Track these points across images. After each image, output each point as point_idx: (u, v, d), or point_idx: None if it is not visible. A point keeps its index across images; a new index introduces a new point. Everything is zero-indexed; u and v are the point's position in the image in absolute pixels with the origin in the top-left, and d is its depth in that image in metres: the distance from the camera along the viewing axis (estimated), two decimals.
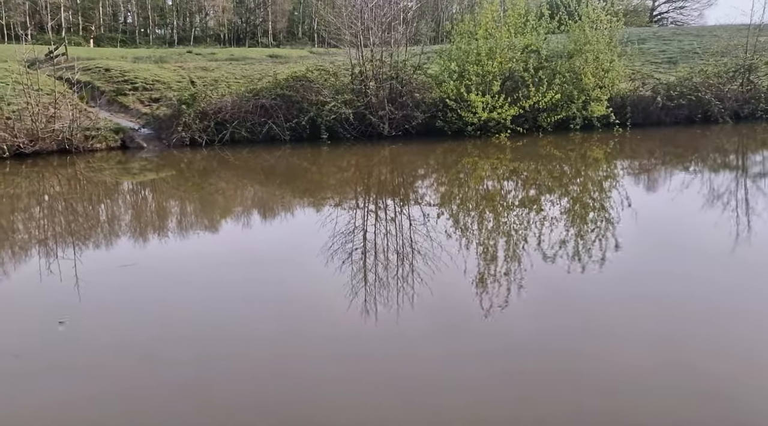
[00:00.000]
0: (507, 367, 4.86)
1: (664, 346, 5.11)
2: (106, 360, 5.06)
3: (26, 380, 4.74)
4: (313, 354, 5.11)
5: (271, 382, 4.68)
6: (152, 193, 13.20)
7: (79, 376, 4.82)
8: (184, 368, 4.88)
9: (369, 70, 19.62)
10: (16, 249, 8.77)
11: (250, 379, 4.72)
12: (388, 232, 9.13)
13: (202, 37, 58.12)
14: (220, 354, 5.11)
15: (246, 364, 4.96)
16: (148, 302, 6.42)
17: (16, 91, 16.87)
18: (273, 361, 5.03)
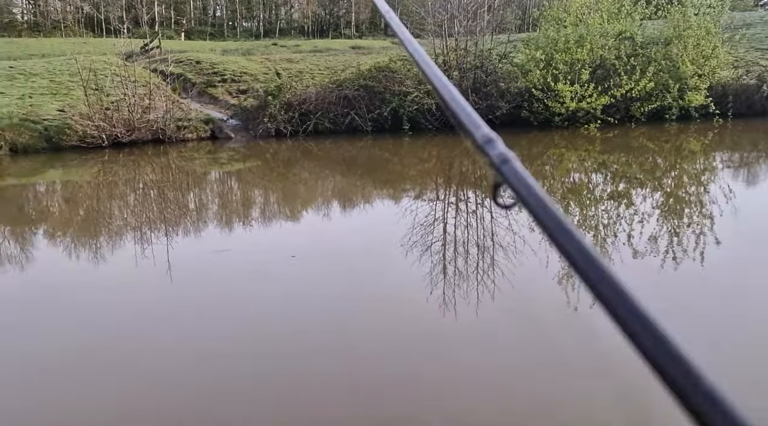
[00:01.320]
0: (597, 365, 4.59)
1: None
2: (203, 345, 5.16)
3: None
4: (390, 346, 5.02)
5: (347, 373, 4.62)
6: (240, 183, 13.52)
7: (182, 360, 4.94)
8: (263, 361, 4.91)
9: (453, 60, 19.34)
10: (115, 234, 9.14)
11: (328, 368, 4.68)
12: (469, 225, 8.92)
13: (286, 29, 59.25)
14: (295, 346, 5.10)
15: (325, 354, 4.93)
16: (233, 291, 6.52)
17: (115, 83, 17.68)
18: (350, 352, 4.96)
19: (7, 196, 11.62)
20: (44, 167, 14.16)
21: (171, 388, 4.43)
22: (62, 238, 8.92)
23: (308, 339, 5.20)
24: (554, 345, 4.99)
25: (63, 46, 29.81)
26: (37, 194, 12.16)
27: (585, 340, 5.08)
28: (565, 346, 4.95)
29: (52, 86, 19.29)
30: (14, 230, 9.23)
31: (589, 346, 4.95)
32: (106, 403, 4.22)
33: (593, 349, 4.91)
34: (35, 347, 5.09)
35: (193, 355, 4.91)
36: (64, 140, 15.62)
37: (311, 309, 5.84)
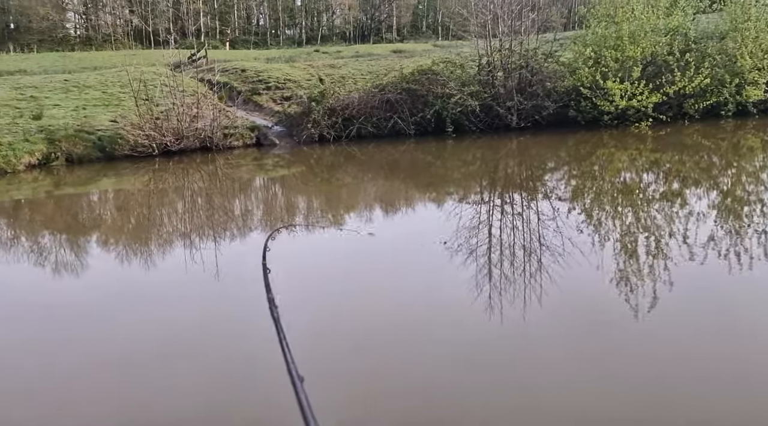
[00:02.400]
0: (652, 372, 4.41)
1: None
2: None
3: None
4: (435, 349, 4.93)
5: (391, 376, 4.55)
6: (285, 189, 13.61)
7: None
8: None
9: (497, 60, 19.10)
10: (164, 241, 9.30)
11: (368, 370, 4.63)
12: (515, 227, 8.75)
13: (328, 35, 59.71)
14: (342, 345, 5.06)
15: (366, 355, 4.87)
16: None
17: (164, 93, 18.06)
18: (394, 355, 4.90)
19: (64, 205, 11.97)
20: (98, 176, 14.54)
21: (226, 382, 4.44)
22: (114, 245, 9.12)
23: (355, 336, 5.15)
24: (604, 351, 4.81)
25: (114, 59, 30.71)
26: (91, 203, 12.49)
27: (636, 345, 4.88)
28: (616, 352, 4.78)
29: (104, 98, 19.84)
30: (69, 238, 9.48)
31: (640, 352, 4.76)
32: (157, 409, 4.26)
33: (646, 354, 4.72)
34: (93, 350, 5.19)
35: (242, 353, 4.91)
36: (117, 150, 16.02)
37: (356, 314, 5.79)
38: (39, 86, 20.69)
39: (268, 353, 4.99)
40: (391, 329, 5.41)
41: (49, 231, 10.05)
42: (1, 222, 10.95)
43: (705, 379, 4.30)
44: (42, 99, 19.07)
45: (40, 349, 5.36)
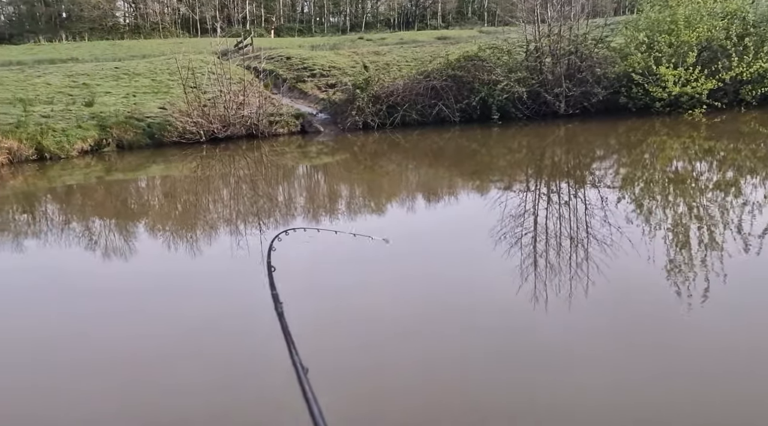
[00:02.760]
0: (703, 365, 4.27)
1: None
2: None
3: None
4: (478, 339, 4.87)
5: (432, 365, 4.51)
6: (329, 176, 13.65)
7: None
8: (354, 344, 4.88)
9: (545, 46, 18.73)
10: (210, 227, 9.42)
11: (413, 359, 4.60)
12: (561, 216, 8.57)
13: (372, 22, 59.52)
14: (374, 329, 5.05)
15: (406, 342, 4.85)
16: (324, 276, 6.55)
17: (211, 81, 18.31)
18: (436, 345, 4.85)
19: (113, 191, 12.26)
20: (147, 162, 14.85)
21: (267, 368, 4.48)
22: (161, 231, 9.30)
23: (396, 325, 5.13)
24: (652, 344, 4.67)
25: (162, 47, 31.29)
26: (139, 189, 12.77)
27: (686, 338, 4.73)
28: (665, 345, 4.63)
29: (153, 85, 20.25)
30: (119, 223, 9.71)
31: (690, 345, 4.60)
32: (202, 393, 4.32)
33: (696, 348, 4.56)
34: (141, 332, 5.30)
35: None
36: (165, 136, 16.34)
37: (399, 302, 5.77)
38: (91, 74, 21.24)
39: (307, 333, 5.02)
40: (433, 318, 5.36)
41: (99, 216, 10.31)
42: (54, 207, 11.28)
43: (758, 374, 4.13)
44: (94, 86, 19.57)
45: (87, 333, 5.50)
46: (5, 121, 15.14)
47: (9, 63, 25.58)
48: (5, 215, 10.60)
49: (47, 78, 20.39)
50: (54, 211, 10.96)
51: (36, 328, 5.57)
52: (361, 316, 5.49)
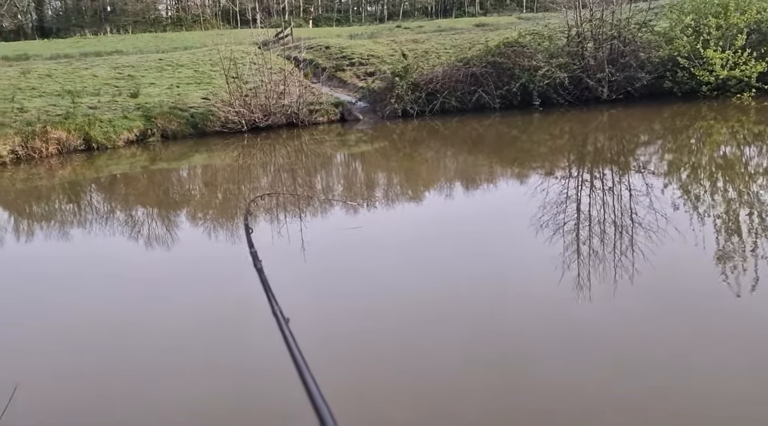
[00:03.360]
0: (754, 354, 4.17)
1: None
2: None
3: None
4: (520, 328, 4.85)
5: (471, 355, 4.51)
6: (368, 164, 13.69)
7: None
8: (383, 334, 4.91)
9: (587, 31, 18.37)
10: (250, 213, 9.54)
11: (451, 348, 4.61)
12: (605, 203, 8.44)
13: (410, 11, 59.08)
14: (414, 321, 5.07)
15: (448, 333, 4.86)
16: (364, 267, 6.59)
17: (252, 71, 18.49)
18: (474, 333, 4.85)
19: (156, 180, 12.52)
20: (191, 152, 15.10)
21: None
22: (202, 219, 9.46)
23: (435, 320, 5.14)
24: (700, 332, 4.59)
25: (203, 38, 31.63)
26: (181, 178, 13.01)
27: (735, 327, 4.63)
28: (714, 333, 4.54)
29: (196, 76, 20.54)
30: (160, 212, 9.92)
31: (740, 333, 4.50)
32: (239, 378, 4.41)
33: (746, 336, 4.46)
34: (184, 319, 5.44)
35: (324, 328, 5.01)
36: (208, 126, 16.58)
37: (439, 289, 5.77)
38: (135, 65, 21.65)
39: (349, 323, 5.04)
40: (471, 307, 5.35)
41: (142, 205, 10.54)
42: (100, 196, 11.58)
43: None
44: (138, 78, 19.95)
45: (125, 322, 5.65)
46: (54, 112, 15.57)
47: (57, 56, 26.23)
48: (54, 204, 10.93)
49: (94, 70, 20.86)
50: (100, 200, 11.26)
51: (85, 314, 5.75)
52: (399, 305, 5.52)
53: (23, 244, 8.48)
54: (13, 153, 13.52)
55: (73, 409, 4.16)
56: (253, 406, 4.01)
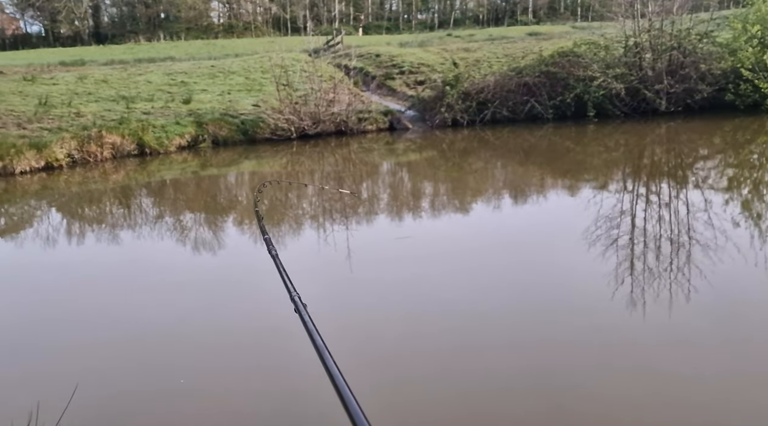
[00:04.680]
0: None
1: None
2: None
3: None
4: (569, 344, 4.62)
5: (516, 373, 4.32)
6: (416, 173, 13.55)
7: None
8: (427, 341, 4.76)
9: (645, 41, 17.91)
10: (295, 222, 9.54)
11: (495, 366, 4.42)
12: (661, 218, 8.09)
13: (461, 19, 58.90)
14: (461, 336, 4.89)
15: (492, 349, 4.67)
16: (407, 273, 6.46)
17: (302, 79, 18.66)
18: (522, 349, 4.65)
19: (204, 186, 12.66)
20: (240, 158, 15.27)
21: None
22: (248, 226, 9.47)
23: (483, 332, 4.96)
24: (761, 354, 4.28)
25: (254, 45, 32.21)
26: (228, 184, 13.12)
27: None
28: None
29: (247, 83, 20.85)
30: (208, 217, 9.99)
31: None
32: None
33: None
34: (228, 325, 5.40)
35: (375, 339, 4.89)
36: (258, 133, 16.78)
37: (486, 302, 5.58)
38: (188, 72, 22.13)
39: (397, 333, 4.90)
40: (517, 321, 5.15)
41: (190, 210, 10.65)
42: (150, 200, 11.76)
43: None
44: (191, 84, 20.38)
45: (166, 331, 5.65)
46: (109, 117, 16.00)
47: (112, 62, 27.06)
48: (105, 208, 11.14)
49: (148, 76, 21.40)
50: (150, 205, 11.42)
51: (137, 317, 5.78)
52: (444, 314, 5.36)
53: (75, 246, 8.65)
54: (69, 156, 13.91)
55: (127, 409, 4.16)
56: (298, 409, 3.94)
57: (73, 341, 5.23)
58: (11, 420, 3.14)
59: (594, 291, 5.61)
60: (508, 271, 6.46)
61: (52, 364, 4.81)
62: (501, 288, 5.94)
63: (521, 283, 6.06)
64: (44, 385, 4.40)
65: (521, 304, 5.52)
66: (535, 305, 5.45)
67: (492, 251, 7.19)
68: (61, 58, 28.68)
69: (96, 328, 5.47)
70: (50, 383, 4.44)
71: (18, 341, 5.32)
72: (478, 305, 5.53)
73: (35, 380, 4.53)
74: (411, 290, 5.98)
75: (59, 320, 5.72)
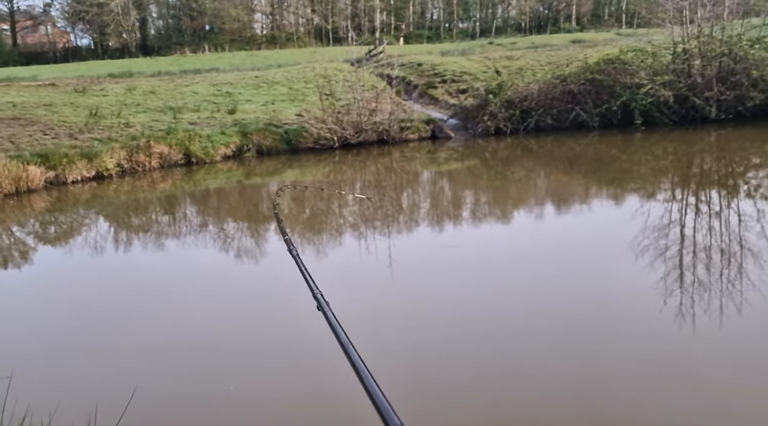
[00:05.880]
0: None
1: None
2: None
3: None
4: (614, 356, 4.52)
5: (561, 383, 4.23)
6: (458, 182, 13.48)
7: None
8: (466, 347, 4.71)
9: (694, 48, 17.50)
10: (336, 231, 9.57)
11: (538, 375, 4.35)
12: (711, 228, 7.86)
13: (502, 27, 58.47)
14: (506, 347, 4.83)
15: (536, 359, 4.60)
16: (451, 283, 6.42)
17: (345, 88, 18.80)
18: (567, 359, 4.56)
19: (247, 195, 12.84)
20: (283, 167, 15.44)
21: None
22: (290, 234, 9.52)
23: (527, 341, 4.89)
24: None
25: (296, 56, 32.55)
26: (270, 193, 13.26)
27: None
28: None
29: (290, 93, 21.12)
30: (250, 226, 10.12)
31: None
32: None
33: None
34: (275, 332, 5.46)
35: (412, 351, 4.87)
36: (301, 142, 16.95)
37: (530, 313, 5.51)
38: (233, 83, 22.52)
39: (437, 346, 4.87)
40: (564, 335, 5.05)
41: (232, 218, 10.80)
42: (197, 208, 11.97)
43: None
44: (236, 94, 20.73)
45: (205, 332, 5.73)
46: (157, 127, 16.38)
47: (159, 73, 27.70)
48: (152, 216, 11.40)
49: (194, 87, 21.86)
50: (196, 213, 11.62)
51: (185, 322, 5.89)
52: (490, 324, 5.30)
53: (122, 254, 8.86)
54: (119, 166, 14.29)
55: (179, 410, 4.26)
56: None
57: (128, 346, 5.33)
58: (72, 421, 3.23)
59: (641, 302, 5.49)
60: (553, 281, 6.36)
61: (109, 368, 4.92)
62: (546, 298, 5.85)
63: (567, 294, 5.95)
64: (102, 388, 4.51)
65: (567, 314, 5.42)
66: (581, 316, 5.35)
67: (536, 261, 7.09)
68: (109, 70, 29.50)
69: (149, 334, 5.59)
70: (107, 386, 4.54)
71: (75, 345, 5.46)
72: (523, 315, 5.46)
73: (93, 383, 4.65)
74: (454, 299, 5.94)
75: (114, 326, 5.86)
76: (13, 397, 3.05)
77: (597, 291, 5.96)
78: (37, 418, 3.15)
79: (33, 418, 3.09)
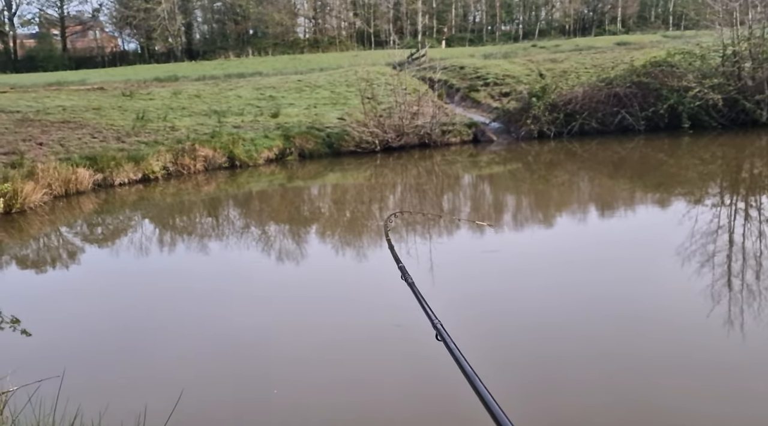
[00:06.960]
0: None
1: None
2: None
3: None
4: (662, 362, 4.45)
5: (606, 389, 4.18)
6: (500, 186, 13.39)
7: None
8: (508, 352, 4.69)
9: (745, 50, 17.04)
10: (376, 234, 9.57)
11: (584, 380, 4.30)
12: (762, 234, 7.65)
13: (546, 29, 57.69)
14: (549, 349, 4.79)
15: (581, 364, 4.55)
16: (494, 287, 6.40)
17: (386, 92, 18.84)
18: (613, 365, 4.50)
19: (288, 198, 12.98)
20: (325, 171, 15.56)
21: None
22: (330, 237, 9.61)
23: (572, 347, 4.84)
24: None
25: (338, 60, 32.67)
26: (312, 196, 13.40)
27: None
28: None
29: (332, 96, 21.26)
30: (291, 228, 10.23)
31: None
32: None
33: None
34: (315, 337, 5.53)
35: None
36: (343, 146, 17.04)
37: (575, 318, 5.45)
38: (276, 86, 22.78)
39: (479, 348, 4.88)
40: (609, 340, 4.99)
41: (274, 221, 10.93)
42: (240, 211, 12.15)
43: None
44: (279, 98, 20.95)
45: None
46: (202, 131, 16.68)
47: (203, 77, 28.10)
48: (195, 218, 11.63)
49: (238, 91, 22.18)
50: (238, 216, 11.80)
51: (231, 325, 6.01)
52: (532, 327, 5.27)
53: (166, 255, 9.06)
54: (164, 169, 14.59)
55: (225, 413, 4.32)
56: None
57: (175, 348, 5.45)
58: (121, 421, 3.31)
59: (688, 309, 5.38)
60: (598, 286, 6.28)
61: (156, 369, 5.04)
62: (591, 304, 5.78)
63: (612, 299, 5.88)
64: (150, 389, 4.61)
65: (612, 320, 5.36)
66: (626, 321, 5.28)
67: (581, 266, 7.00)
68: (156, 74, 30.11)
69: (196, 337, 5.69)
70: (155, 387, 4.65)
71: (123, 346, 5.58)
72: (567, 321, 5.40)
73: (141, 384, 4.76)
74: (498, 304, 5.92)
75: (160, 328, 6.01)
76: (64, 397, 3.13)
77: (642, 296, 5.86)
78: (87, 418, 3.22)
79: (84, 417, 3.15)
